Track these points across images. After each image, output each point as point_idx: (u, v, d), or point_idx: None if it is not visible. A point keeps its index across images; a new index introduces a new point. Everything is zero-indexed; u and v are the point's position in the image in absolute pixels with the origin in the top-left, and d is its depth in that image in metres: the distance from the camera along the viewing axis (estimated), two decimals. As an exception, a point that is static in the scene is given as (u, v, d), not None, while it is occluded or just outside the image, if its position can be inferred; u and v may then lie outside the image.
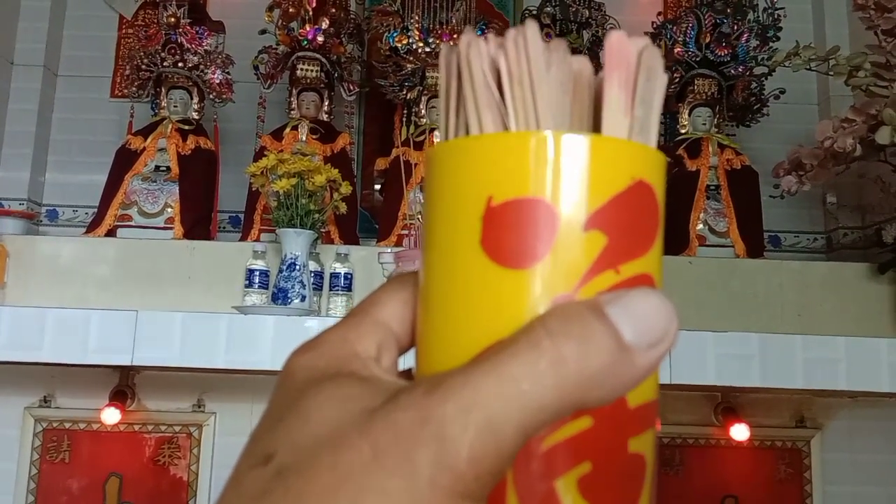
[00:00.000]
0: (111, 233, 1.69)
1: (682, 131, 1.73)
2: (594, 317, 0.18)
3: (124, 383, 1.54)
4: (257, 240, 1.64)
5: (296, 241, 1.42)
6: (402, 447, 0.17)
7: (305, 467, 0.18)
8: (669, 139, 1.81)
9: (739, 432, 1.41)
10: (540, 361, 0.18)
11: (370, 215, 1.97)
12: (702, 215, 1.62)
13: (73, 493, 1.51)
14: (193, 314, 1.10)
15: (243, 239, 1.69)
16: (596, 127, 0.21)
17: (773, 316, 1.49)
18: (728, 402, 1.47)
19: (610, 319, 0.19)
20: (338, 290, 1.55)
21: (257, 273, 1.53)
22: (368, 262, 1.55)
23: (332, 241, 1.65)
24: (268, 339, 1.09)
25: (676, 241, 1.61)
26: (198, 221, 1.69)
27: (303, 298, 1.43)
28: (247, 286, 1.53)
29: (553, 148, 0.20)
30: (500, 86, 0.21)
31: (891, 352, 1.09)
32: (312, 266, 1.54)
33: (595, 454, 0.20)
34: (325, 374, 0.20)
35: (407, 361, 0.23)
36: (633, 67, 0.21)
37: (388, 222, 1.65)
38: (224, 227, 1.99)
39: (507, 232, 0.20)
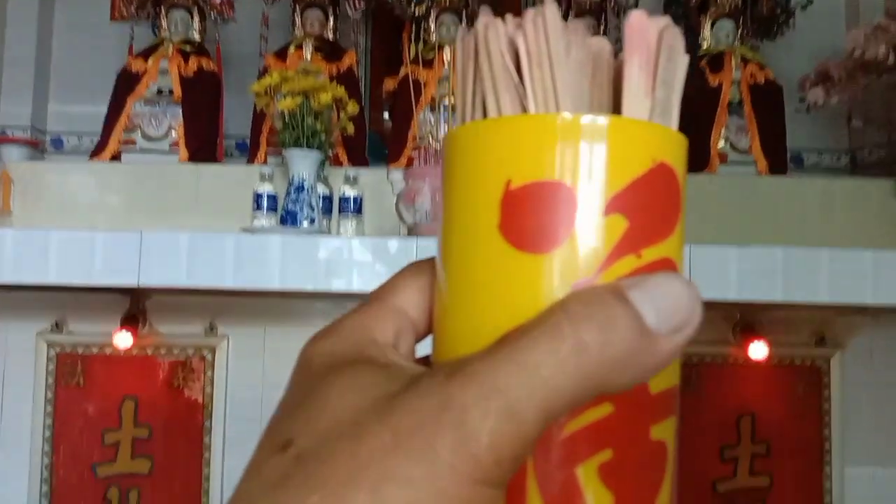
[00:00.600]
0: (116, 158, 1.66)
1: (704, 45, 1.66)
2: (616, 301, 0.18)
3: (135, 308, 1.53)
4: (264, 163, 1.61)
5: (303, 163, 1.39)
6: (422, 434, 0.17)
7: (326, 454, 0.18)
8: (691, 54, 1.73)
9: (758, 350, 1.39)
10: (561, 347, 0.18)
11: (380, 139, 1.93)
12: (723, 132, 1.56)
13: (89, 417, 1.52)
14: (199, 234, 1.07)
15: (250, 162, 1.65)
16: (616, 109, 0.21)
17: (796, 235, 1.45)
18: (746, 321, 1.44)
19: (632, 303, 0.18)
20: (347, 213, 1.52)
21: (265, 197, 1.50)
22: (378, 186, 1.52)
23: (340, 164, 1.61)
24: (276, 259, 1.06)
25: (697, 159, 1.56)
26: (203, 145, 1.65)
27: (312, 221, 1.40)
28: (255, 210, 1.50)
29: (572, 130, 0.19)
30: (519, 67, 0.20)
31: (920, 265, 1.05)
32: (321, 189, 1.51)
33: (616, 441, 0.20)
34: (344, 361, 0.20)
35: (424, 348, 0.23)
36: (654, 48, 0.20)
37: (397, 144, 1.60)
38: (231, 154, 1.95)
39: (526, 216, 0.19)
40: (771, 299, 1.03)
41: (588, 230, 0.19)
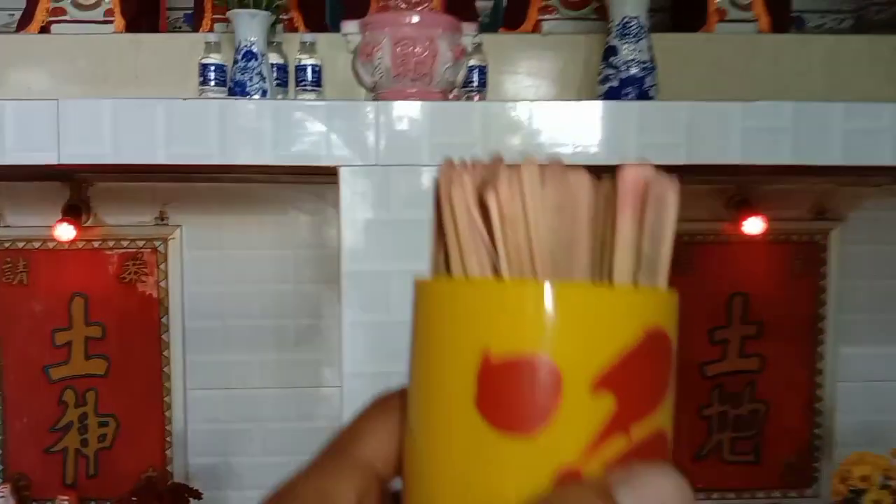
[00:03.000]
0: (45, 30, 1.48)
1: None
2: None
3: (76, 197, 1.40)
4: (210, 31, 1.44)
5: (250, 25, 1.22)
6: None
7: None
8: None
9: (753, 225, 1.29)
10: None
11: (341, 4, 1.74)
12: (722, -16, 1.41)
13: (36, 316, 1.41)
14: (124, 101, 0.93)
15: (195, 31, 1.48)
16: (600, 258, 0.19)
17: (801, 96, 1.32)
18: (742, 195, 1.34)
19: None
20: (305, 84, 1.37)
21: (213, 68, 1.34)
22: (339, 54, 1.36)
23: (295, 30, 1.44)
24: (214, 130, 0.93)
25: (693, 17, 1.41)
26: (142, 12, 1.47)
27: (263, 93, 1.25)
28: (201, 84, 1.35)
29: (553, 301, 0.18)
30: (489, 226, 0.19)
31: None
32: (274, 58, 1.35)
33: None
34: None
35: None
36: (642, 199, 0.19)
37: (358, 4, 1.43)
38: (179, 28, 1.76)
39: (506, 394, 0.18)
40: (778, 161, 0.92)
41: (573, 411, 0.18)
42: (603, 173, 0.20)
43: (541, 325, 0.18)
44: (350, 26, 0.96)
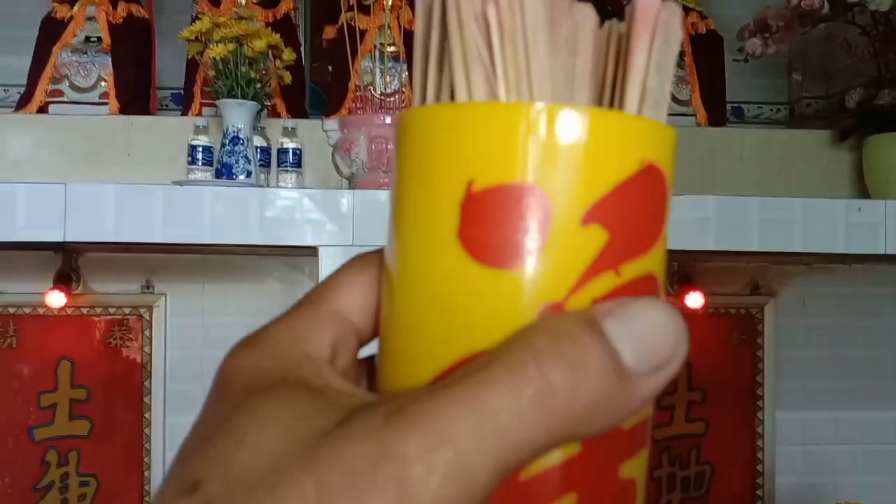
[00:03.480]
0: (43, 110, 1.59)
1: (647, -6, 1.64)
2: (590, 335, 0.16)
3: (68, 266, 1.49)
4: (199, 114, 1.56)
5: (237, 113, 1.34)
6: (353, 490, 0.14)
7: None
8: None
9: (694, 300, 1.42)
10: (523, 391, 0.15)
11: (322, 91, 1.88)
12: (664, 82, 1.56)
13: (24, 378, 1.48)
14: (127, 185, 1.03)
15: (184, 114, 1.60)
16: (600, 96, 0.18)
17: (733, 185, 1.47)
18: (683, 272, 1.47)
19: (608, 338, 0.16)
20: (286, 165, 1.48)
21: (200, 149, 1.45)
22: (318, 137, 1.48)
23: (278, 115, 1.57)
24: (207, 212, 1.04)
25: (637, 110, 1.56)
26: (135, 96, 1.59)
27: (248, 174, 1.37)
28: (190, 163, 1.46)
29: (547, 125, 0.17)
30: (490, 43, 0.17)
31: (848, 213, 1.07)
32: (258, 141, 1.47)
33: (582, 484, 0.17)
34: (268, 382, 0.17)
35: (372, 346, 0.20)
36: (653, 29, 0.18)
37: (337, 95, 1.57)
38: (166, 106, 1.88)
39: (490, 224, 0.17)
40: (704, 247, 1.05)
41: (561, 244, 0.17)
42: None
43: (532, 151, 0.17)
44: (330, 124, 1.09)
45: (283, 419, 0.16)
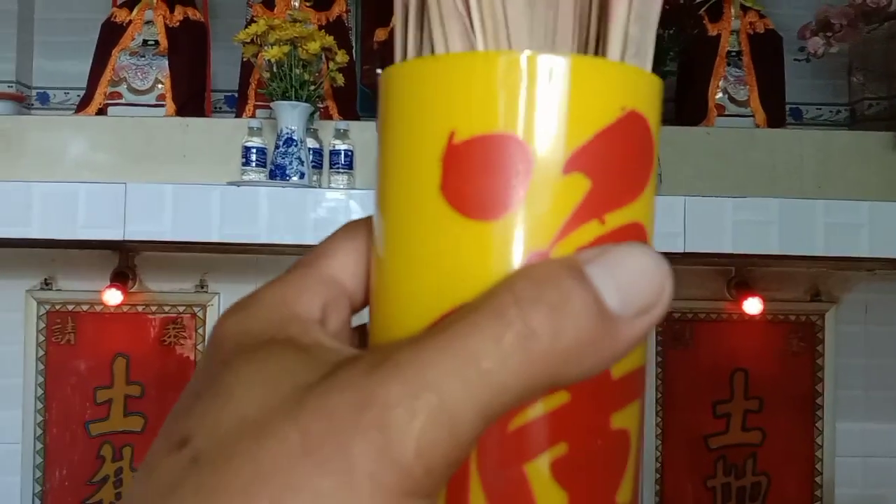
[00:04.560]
0: (102, 111, 1.63)
1: (703, -7, 1.62)
2: (572, 279, 0.16)
3: (125, 265, 1.52)
4: (253, 116, 1.58)
5: (291, 115, 1.36)
6: (336, 437, 0.14)
7: (223, 458, 0.15)
8: (688, 1, 1.69)
9: (752, 306, 1.38)
10: (505, 334, 0.15)
11: (372, 93, 1.89)
12: (721, 83, 1.53)
13: (81, 374, 1.52)
14: (185, 186, 1.05)
15: (238, 116, 1.62)
16: (582, 45, 0.18)
17: (793, 187, 1.43)
18: (741, 277, 1.43)
19: (591, 282, 0.16)
20: (338, 167, 1.49)
21: (254, 151, 1.47)
22: (370, 139, 1.49)
23: (330, 118, 1.58)
24: (263, 212, 1.04)
25: (694, 111, 1.53)
26: (190, 98, 1.62)
27: (301, 175, 1.38)
28: (244, 164, 1.48)
29: (527, 72, 0.16)
30: None
31: (917, 217, 1.03)
32: (311, 143, 1.48)
33: (572, 434, 0.17)
34: (256, 341, 0.18)
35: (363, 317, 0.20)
36: None
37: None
38: (220, 108, 1.91)
39: (472, 176, 0.17)
40: (766, 251, 1.02)
41: (543, 193, 0.16)
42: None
43: (511, 99, 0.17)
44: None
45: (269, 375, 0.16)
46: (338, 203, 1.06)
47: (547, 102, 0.17)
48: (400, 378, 0.15)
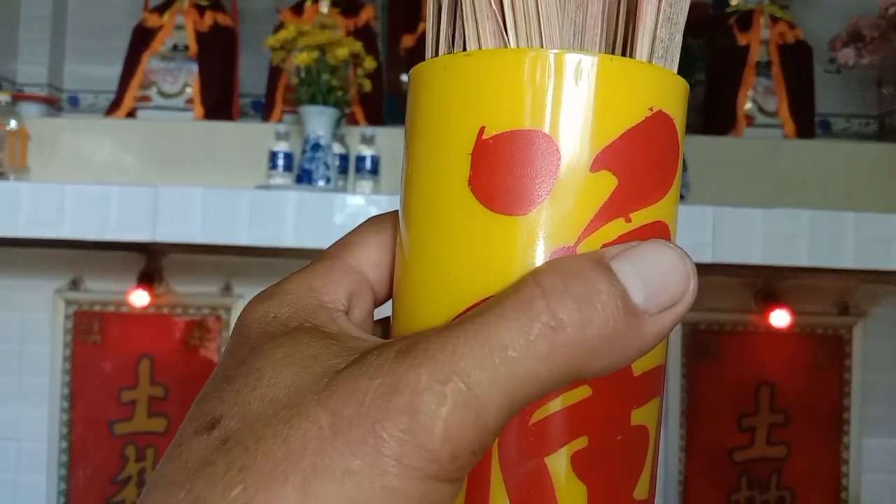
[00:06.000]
0: (131, 114, 1.65)
1: (733, 2, 1.61)
2: (598, 273, 0.16)
3: (151, 266, 1.53)
4: (280, 121, 1.59)
5: (319, 120, 1.37)
6: (365, 420, 0.15)
7: (253, 439, 0.15)
8: (719, 11, 1.68)
9: (780, 318, 1.37)
10: (532, 325, 0.15)
11: (398, 101, 1.89)
12: (750, 93, 1.52)
13: (106, 375, 1.53)
14: (214, 189, 1.06)
15: (265, 120, 1.63)
16: (610, 46, 0.18)
17: (822, 199, 1.41)
18: (769, 289, 1.42)
19: (617, 277, 0.16)
20: (364, 173, 1.50)
21: (281, 155, 1.48)
22: (396, 146, 1.49)
23: (356, 123, 1.59)
24: (291, 217, 1.05)
25: (723, 121, 1.52)
26: (218, 102, 1.63)
27: (328, 180, 1.39)
28: (271, 168, 1.49)
29: (555, 70, 0.17)
30: None
31: (951, 231, 1.02)
32: (337, 148, 1.49)
33: (593, 428, 0.18)
34: (285, 328, 0.18)
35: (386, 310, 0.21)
36: None
37: (415, 103, 1.57)
38: (247, 112, 1.93)
39: (500, 171, 0.17)
40: (796, 263, 1.01)
41: (570, 189, 0.17)
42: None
43: (540, 96, 0.17)
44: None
45: (298, 360, 0.17)
46: (363, 208, 1.07)
47: (575, 100, 0.17)
48: (429, 365, 0.15)
